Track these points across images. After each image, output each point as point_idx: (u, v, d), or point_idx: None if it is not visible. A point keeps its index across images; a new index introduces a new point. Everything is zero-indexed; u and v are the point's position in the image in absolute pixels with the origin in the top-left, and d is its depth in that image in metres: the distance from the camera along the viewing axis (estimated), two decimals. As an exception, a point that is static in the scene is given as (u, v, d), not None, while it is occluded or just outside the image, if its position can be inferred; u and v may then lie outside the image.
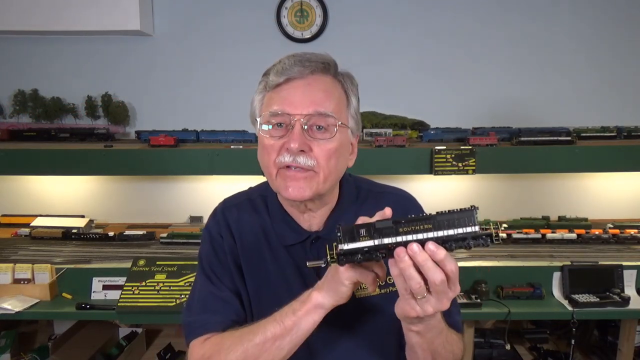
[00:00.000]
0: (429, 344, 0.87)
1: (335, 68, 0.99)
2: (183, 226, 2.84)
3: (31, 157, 2.46)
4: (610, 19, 2.76)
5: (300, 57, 0.95)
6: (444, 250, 0.72)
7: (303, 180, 0.93)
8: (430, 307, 0.75)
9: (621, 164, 2.43)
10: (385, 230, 0.75)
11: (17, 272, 2.12)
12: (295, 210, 1.04)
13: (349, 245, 0.76)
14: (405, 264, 0.72)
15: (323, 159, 0.93)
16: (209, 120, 2.76)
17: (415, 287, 0.73)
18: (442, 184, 2.79)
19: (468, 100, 2.82)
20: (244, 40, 2.82)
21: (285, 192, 0.94)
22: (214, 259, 1.06)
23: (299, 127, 0.92)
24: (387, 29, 2.80)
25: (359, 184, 1.11)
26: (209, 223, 1.11)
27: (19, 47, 2.82)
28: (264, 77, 0.99)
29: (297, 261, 1.02)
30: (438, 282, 0.72)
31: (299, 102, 0.92)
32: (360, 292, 1.01)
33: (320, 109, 0.92)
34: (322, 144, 0.93)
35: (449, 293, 0.74)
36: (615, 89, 2.79)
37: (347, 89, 0.99)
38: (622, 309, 2.04)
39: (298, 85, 0.94)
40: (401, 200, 1.10)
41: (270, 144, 0.95)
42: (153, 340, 2.78)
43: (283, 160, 0.93)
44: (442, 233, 0.73)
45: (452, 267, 0.73)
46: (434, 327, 0.85)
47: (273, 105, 0.94)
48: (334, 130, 0.94)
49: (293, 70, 0.93)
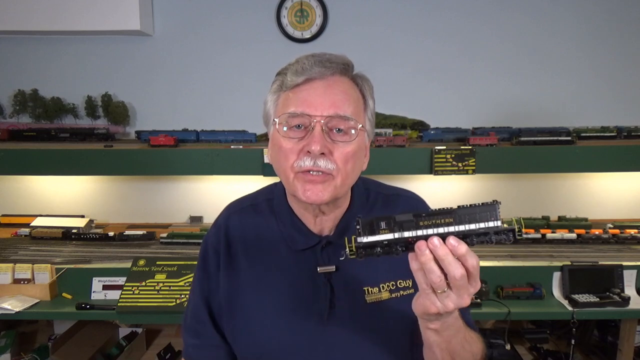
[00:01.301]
0: (447, 343, 0.85)
1: (353, 69, 0.97)
2: (183, 226, 2.84)
3: (31, 157, 2.46)
4: (610, 19, 2.76)
5: (320, 58, 0.92)
6: (465, 245, 0.71)
7: (321, 184, 0.91)
8: (451, 302, 0.74)
9: (621, 164, 2.43)
10: (405, 223, 0.73)
11: (17, 272, 2.12)
12: (308, 214, 1.01)
13: (368, 238, 0.74)
14: (426, 257, 0.71)
15: (342, 162, 0.91)
16: (209, 120, 2.76)
17: (436, 281, 0.72)
18: (442, 184, 2.79)
19: (468, 100, 2.82)
20: (244, 40, 2.82)
21: (303, 196, 0.92)
22: (200, 304, 1.07)
23: (319, 128, 0.89)
24: (388, 28, 2.80)
25: (367, 186, 1.09)
26: (209, 233, 1.10)
27: (19, 47, 2.82)
28: (280, 77, 0.96)
29: (307, 266, 1.00)
30: (458, 277, 0.71)
31: (320, 103, 0.90)
32: (371, 296, 0.99)
33: (341, 112, 0.90)
34: (341, 147, 0.91)
35: (470, 288, 0.73)
36: (615, 89, 2.79)
37: (365, 91, 0.98)
38: (622, 309, 2.04)
39: (318, 86, 0.91)
40: (411, 202, 1.09)
41: (289, 147, 0.92)
42: (153, 340, 2.78)
43: (303, 164, 0.90)
44: (464, 227, 0.72)
45: (474, 262, 0.72)
46: (452, 325, 0.83)
47: (291, 106, 0.92)
48: (353, 133, 0.92)
49: (313, 71, 0.91)
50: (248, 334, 1.01)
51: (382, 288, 0.99)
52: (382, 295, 0.99)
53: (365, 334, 0.98)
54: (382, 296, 0.99)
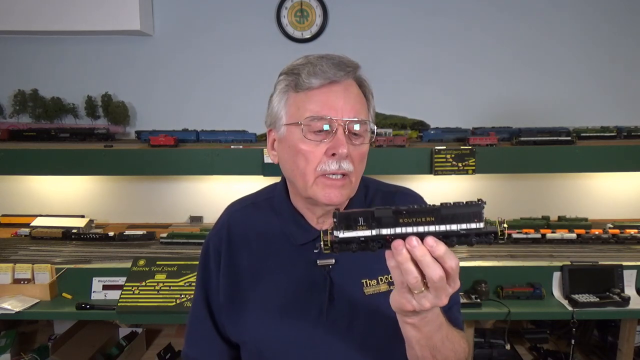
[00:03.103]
0: (427, 340, 0.83)
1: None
2: (183, 226, 2.84)
3: (31, 157, 2.46)
4: (610, 19, 2.76)
5: (334, 60, 0.93)
6: (444, 246, 0.69)
7: (342, 187, 0.94)
8: (428, 302, 0.72)
9: (621, 164, 2.43)
10: (384, 219, 0.70)
11: (17, 272, 2.12)
12: (310, 213, 1.03)
13: (344, 234, 0.71)
14: (403, 257, 0.69)
15: (358, 163, 0.95)
16: (209, 120, 2.76)
17: (412, 282, 0.70)
18: (442, 184, 2.79)
19: (468, 100, 2.82)
20: (244, 40, 2.82)
21: (325, 198, 0.93)
22: (202, 310, 1.09)
23: (342, 131, 0.91)
24: (387, 28, 2.80)
25: (366, 183, 1.10)
26: (211, 233, 1.11)
27: (19, 47, 2.82)
28: (288, 77, 0.96)
29: (307, 260, 1.01)
30: (436, 279, 0.69)
31: (341, 107, 0.92)
32: (369, 289, 1.00)
33: (360, 116, 0.93)
34: (357, 148, 0.94)
35: (448, 289, 0.71)
36: (615, 89, 2.79)
37: (367, 92, 1.00)
38: (622, 309, 2.04)
39: (338, 90, 0.93)
40: (409, 199, 1.10)
41: (310, 150, 0.92)
42: (153, 340, 2.78)
43: (328, 168, 0.92)
44: (444, 227, 0.69)
45: (452, 263, 0.69)
46: (432, 321, 0.80)
47: (312, 108, 0.92)
48: (367, 135, 0.95)
49: (332, 73, 0.91)
50: (249, 329, 1.02)
51: (380, 280, 1.01)
52: (380, 287, 1.00)
53: (364, 326, 0.99)
54: (380, 288, 1.00)
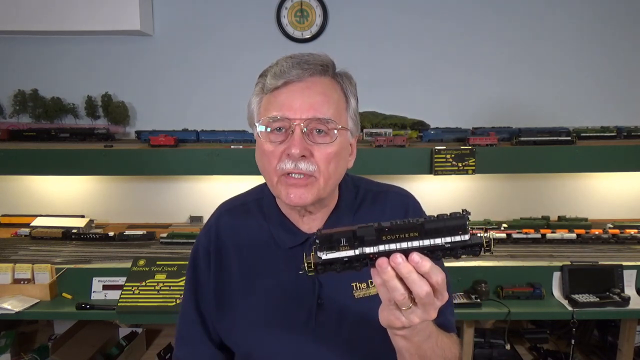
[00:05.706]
0: (417, 349, 0.83)
1: (334, 69, 0.97)
2: (183, 226, 2.84)
3: (31, 157, 2.46)
4: (610, 19, 2.76)
5: (299, 59, 0.93)
6: (429, 262, 0.68)
7: (304, 187, 0.92)
8: (417, 317, 0.72)
9: (621, 164, 2.43)
10: (367, 238, 0.69)
11: (17, 272, 2.12)
12: (295, 214, 1.03)
13: (327, 255, 0.70)
14: (388, 275, 0.68)
15: (323, 163, 0.92)
16: (209, 120, 2.75)
17: (399, 299, 0.69)
18: (442, 184, 2.79)
19: (468, 101, 2.82)
20: (243, 40, 2.82)
21: (286, 198, 0.93)
22: (193, 312, 1.08)
23: (299, 131, 0.90)
24: (387, 28, 2.80)
25: (357, 184, 1.10)
26: (200, 234, 1.11)
27: (18, 47, 2.82)
28: (261, 79, 0.97)
29: (296, 264, 0.99)
30: (423, 295, 0.68)
31: (298, 106, 0.91)
32: (359, 292, 1.00)
33: (319, 114, 0.91)
34: (322, 148, 0.92)
35: (436, 303, 0.71)
36: (615, 89, 2.79)
37: (346, 89, 0.98)
38: (622, 309, 2.04)
39: (296, 89, 0.92)
40: (400, 198, 1.09)
41: (270, 150, 0.93)
42: (153, 340, 2.78)
43: (285, 167, 0.91)
44: (429, 242, 0.68)
45: (438, 278, 0.69)
46: (421, 331, 0.81)
47: (272, 110, 0.93)
48: (334, 134, 0.92)
49: (291, 73, 0.91)
50: (238, 333, 1.02)
51: (370, 284, 1.00)
52: (370, 290, 1.00)
53: (354, 329, 0.99)
54: (370, 291, 1.00)
